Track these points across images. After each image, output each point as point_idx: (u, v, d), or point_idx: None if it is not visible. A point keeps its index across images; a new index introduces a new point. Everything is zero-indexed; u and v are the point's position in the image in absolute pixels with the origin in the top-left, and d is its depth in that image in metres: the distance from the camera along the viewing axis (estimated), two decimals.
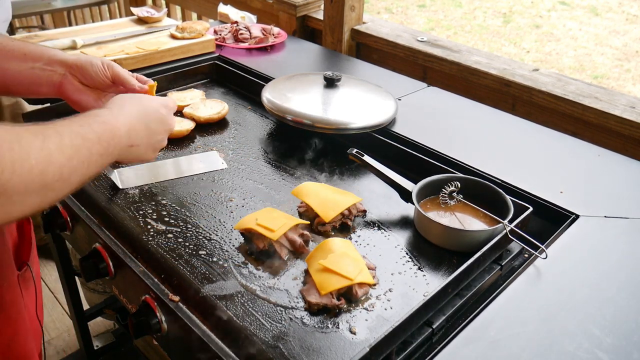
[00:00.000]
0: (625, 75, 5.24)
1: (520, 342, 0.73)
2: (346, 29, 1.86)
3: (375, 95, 1.36)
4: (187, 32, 1.65)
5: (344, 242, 0.90)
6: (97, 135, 0.72)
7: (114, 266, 0.99)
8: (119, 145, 0.78)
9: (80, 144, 0.69)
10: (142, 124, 0.83)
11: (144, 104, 0.86)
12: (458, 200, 1.01)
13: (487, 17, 6.59)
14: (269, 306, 0.82)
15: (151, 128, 0.85)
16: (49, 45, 1.49)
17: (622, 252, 0.91)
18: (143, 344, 1.52)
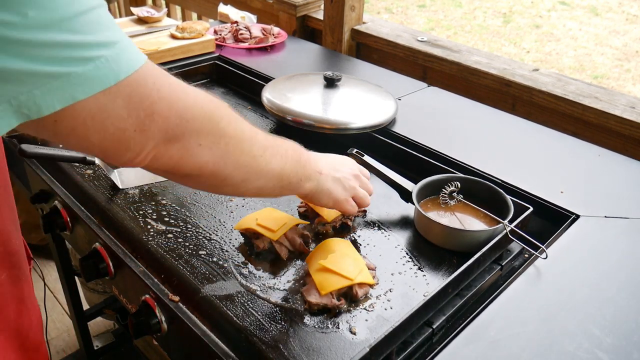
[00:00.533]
0: (625, 75, 5.24)
1: (520, 342, 0.73)
2: (346, 29, 1.86)
3: (375, 95, 1.36)
4: (187, 32, 1.65)
5: (344, 242, 0.90)
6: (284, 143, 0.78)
7: (114, 266, 0.99)
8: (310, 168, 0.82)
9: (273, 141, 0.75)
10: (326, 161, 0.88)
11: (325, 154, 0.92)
12: (458, 200, 1.01)
13: (487, 17, 6.59)
14: (269, 306, 0.82)
15: (335, 166, 0.88)
16: None
17: (622, 252, 0.91)
18: (143, 344, 1.52)
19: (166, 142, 0.58)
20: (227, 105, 0.68)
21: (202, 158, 0.62)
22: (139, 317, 0.86)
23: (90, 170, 1.14)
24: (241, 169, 0.68)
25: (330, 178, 0.86)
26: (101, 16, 0.50)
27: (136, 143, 0.55)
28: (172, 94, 0.57)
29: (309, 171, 0.82)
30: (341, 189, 0.88)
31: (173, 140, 0.58)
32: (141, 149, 0.56)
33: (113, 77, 0.50)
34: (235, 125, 0.67)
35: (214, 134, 0.63)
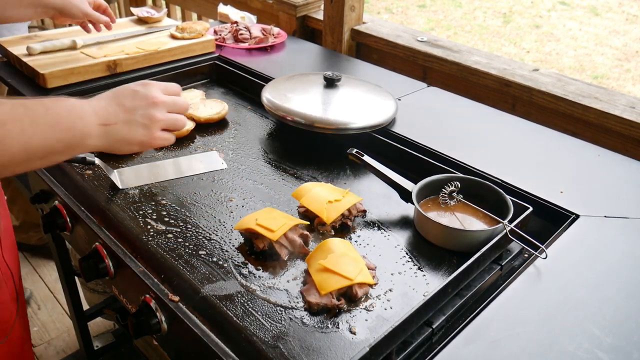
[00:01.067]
0: (625, 75, 5.24)
1: (520, 342, 0.73)
2: (346, 29, 1.86)
3: (375, 95, 1.36)
4: (187, 32, 1.65)
5: (343, 243, 0.90)
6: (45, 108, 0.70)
7: (113, 266, 0.99)
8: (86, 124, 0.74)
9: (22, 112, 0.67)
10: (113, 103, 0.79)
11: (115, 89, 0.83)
12: (458, 200, 1.01)
13: (487, 17, 6.59)
14: (269, 306, 0.82)
15: (125, 105, 0.79)
16: (49, 46, 1.49)
17: (622, 252, 0.91)
18: (143, 344, 1.52)
19: None
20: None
21: None
22: (139, 317, 0.86)
23: (90, 170, 1.15)
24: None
25: (121, 123, 0.77)
26: None
27: None
28: None
29: (85, 130, 0.74)
30: (140, 128, 0.79)
31: None
32: None
33: None
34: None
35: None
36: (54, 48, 1.50)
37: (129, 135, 0.79)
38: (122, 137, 0.78)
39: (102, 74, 1.47)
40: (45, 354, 2.07)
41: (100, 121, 0.76)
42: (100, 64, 1.46)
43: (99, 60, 1.46)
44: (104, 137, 0.76)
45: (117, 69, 1.49)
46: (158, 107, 0.82)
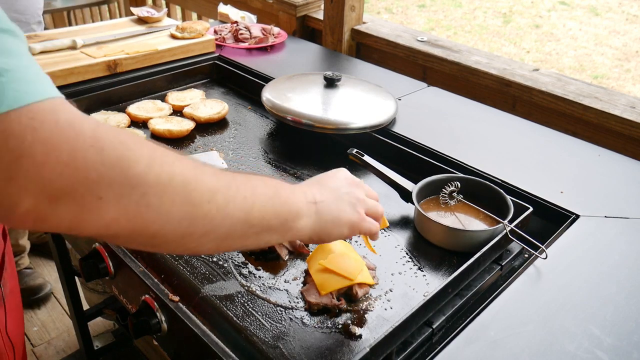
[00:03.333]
0: (625, 75, 5.24)
1: (520, 342, 0.73)
2: (346, 29, 1.86)
3: (375, 95, 1.36)
4: (187, 32, 1.65)
5: (344, 242, 0.90)
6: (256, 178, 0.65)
7: (113, 266, 0.99)
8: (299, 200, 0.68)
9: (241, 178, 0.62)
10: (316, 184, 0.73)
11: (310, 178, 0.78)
12: (458, 200, 1.01)
13: (487, 17, 6.59)
14: (269, 306, 0.82)
15: (329, 185, 0.73)
16: (49, 46, 1.49)
17: (622, 252, 0.91)
18: (143, 344, 1.52)
19: (49, 198, 0.46)
20: (156, 145, 0.55)
21: (106, 214, 0.49)
22: (139, 317, 0.86)
23: None
24: (177, 222, 0.54)
25: (331, 201, 0.71)
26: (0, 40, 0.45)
27: (5, 195, 0.44)
28: (55, 135, 0.45)
29: (297, 206, 0.67)
30: (349, 207, 0.72)
31: (58, 194, 0.46)
32: (13, 203, 0.45)
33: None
34: (160, 170, 0.52)
35: (121, 183, 0.49)
36: (54, 48, 1.50)
37: (339, 214, 0.71)
38: (332, 217, 0.70)
39: (102, 73, 1.47)
40: (45, 354, 2.07)
41: (309, 199, 0.69)
42: (100, 63, 1.46)
43: (99, 60, 1.46)
44: (315, 217, 0.68)
45: (117, 68, 1.49)
46: (359, 187, 0.77)
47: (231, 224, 0.59)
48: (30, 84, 0.45)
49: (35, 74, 0.47)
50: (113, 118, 1.35)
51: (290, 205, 0.66)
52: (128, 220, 0.51)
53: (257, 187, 0.63)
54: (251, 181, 0.63)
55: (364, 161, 1.07)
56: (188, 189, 0.54)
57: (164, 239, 0.55)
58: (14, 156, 0.44)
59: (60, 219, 0.48)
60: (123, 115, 1.36)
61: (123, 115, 1.36)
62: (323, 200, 0.70)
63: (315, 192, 0.70)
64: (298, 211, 0.67)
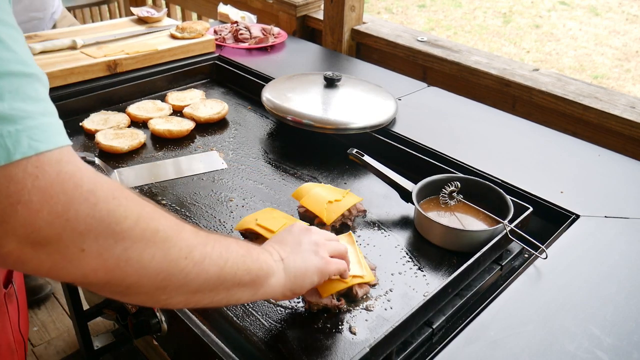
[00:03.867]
0: (625, 75, 5.24)
1: (520, 342, 0.73)
2: (346, 29, 1.86)
3: (375, 95, 1.36)
4: (187, 32, 1.65)
5: (345, 238, 0.90)
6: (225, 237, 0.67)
7: None
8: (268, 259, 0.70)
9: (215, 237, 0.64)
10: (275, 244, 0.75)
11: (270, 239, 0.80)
12: (458, 200, 1.01)
13: (487, 17, 6.59)
14: (269, 306, 0.82)
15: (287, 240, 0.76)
16: (49, 46, 1.49)
17: (622, 252, 0.91)
18: (143, 344, 1.52)
19: (33, 244, 0.47)
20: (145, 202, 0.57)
21: (85, 266, 0.51)
22: (139, 317, 0.86)
23: None
24: (154, 276, 0.56)
25: (292, 254, 0.73)
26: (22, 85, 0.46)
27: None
28: (56, 185, 0.47)
29: (268, 264, 0.69)
30: (313, 255, 0.74)
31: (43, 242, 0.47)
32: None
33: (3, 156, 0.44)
34: (145, 226, 0.54)
35: (106, 237, 0.51)
36: (54, 48, 1.50)
37: (305, 264, 0.73)
38: (299, 269, 0.72)
39: (102, 73, 1.47)
40: (45, 354, 2.07)
41: (275, 257, 0.71)
42: (100, 63, 1.46)
43: (99, 60, 1.46)
44: (284, 274, 0.71)
45: (117, 68, 1.49)
46: (315, 234, 0.79)
47: (205, 279, 0.61)
48: (44, 133, 0.47)
49: (49, 122, 0.48)
50: (113, 118, 1.35)
51: (261, 263, 0.68)
52: (106, 272, 0.52)
53: (231, 244, 0.65)
54: (226, 240, 0.65)
55: (364, 161, 1.07)
56: (167, 245, 0.56)
57: (138, 291, 0.56)
58: (11, 202, 0.45)
59: (40, 264, 0.49)
60: (123, 115, 1.36)
61: (123, 115, 1.36)
62: (287, 257, 0.72)
63: (278, 250, 0.73)
64: (268, 269, 0.69)
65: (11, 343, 0.91)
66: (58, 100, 1.37)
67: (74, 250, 0.49)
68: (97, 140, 1.22)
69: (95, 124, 1.31)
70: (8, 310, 0.91)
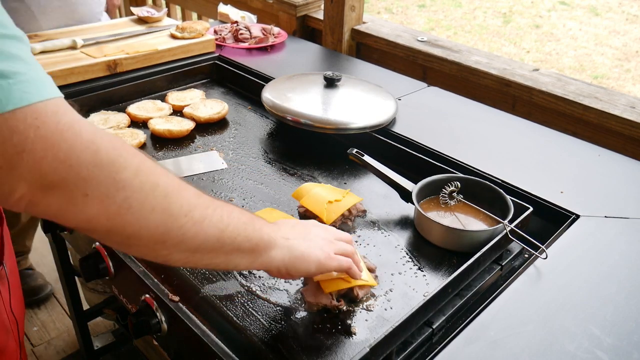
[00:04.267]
0: (625, 75, 5.23)
1: (520, 342, 0.73)
2: (346, 29, 1.86)
3: (375, 95, 1.36)
4: (187, 32, 1.65)
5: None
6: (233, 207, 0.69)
7: (113, 266, 0.99)
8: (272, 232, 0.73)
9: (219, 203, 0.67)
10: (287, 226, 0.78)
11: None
12: (458, 200, 1.01)
13: (487, 17, 6.59)
14: (269, 306, 0.82)
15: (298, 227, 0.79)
16: (49, 46, 1.49)
17: (622, 252, 0.91)
18: (143, 344, 1.52)
19: (42, 188, 0.51)
20: (145, 156, 0.59)
21: (89, 210, 0.54)
22: (139, 317, 0.86)
23: None
24: (154, 228, 0.59)
25: (300, 239, 0.76)
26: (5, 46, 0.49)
27: (5, 182, 0.50)
28: (56, 134, 0.51)
29: (270, 236, 0.71)
30: (318, 247, 0.76)
31: (50, 185, 0.52)
32: (11, 189, 0.51)
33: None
34: (145, 178, 0.57)
35: (107, 185, 0.54)
36: (54, 48, 1.50)
37: (308, 250, 0.75)
38: (302, 253, 0.75)
39: (102, 73, 1.47)
40: (45, 354, 2.07)
41: (282, 234, 0.74)
42: (100, 63, 1.46)
43: (99, 60, 1.46)
44: (286, 251, 0.73)
45: (117, 68, 1.49)
46: (327, 232, 0.81)
47: (204, 239, 0.63)
48: (34, 85, 0.50)
49: (38, 76, 0.51)
50: (113, 118, 1.35)
51: (263, 234, 0.71)
52: (108, 218, 0.56)
53: (234, 211, 0.67)
54: (229, 206, 0.68)
55: (364, 161, 1.07)
56: (168, 200, 0.59)
57: (139, 242, 0.60)
58: (17, 150, 0.49)
59: (49, 206, 0.53)
60: (123, 115, 1.36)
61: (123, 115, 1.36)
62: (295, 238, 0.75)
63: (287, 231, 0.76)
64: (270, 241, 0.71)
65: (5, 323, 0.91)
66: None
67: (78, 195, 0.53)
68: None
69: (95, 124, 1.31)
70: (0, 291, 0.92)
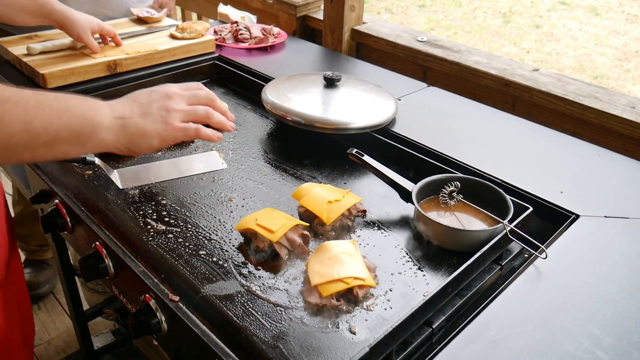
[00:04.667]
0: (625, 75, 5.23)
1: (520, 342, 0.73)
2: (346, 29, 1.86)
3: (375, 95, 1.36)
4: (187, 32, 1.65)
5: (344, 244, 0.90)
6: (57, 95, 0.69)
7: (114, 266, 0.99)
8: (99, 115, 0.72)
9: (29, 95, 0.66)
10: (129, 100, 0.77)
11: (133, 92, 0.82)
12: (458, 200, 1.01)
13: (487, 17, 6.59)
14: (269, 306, 0.82)
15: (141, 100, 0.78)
16: (49, 46, 1.49)
17: (622, 252, 0.91)
18: (143, 344, 1.52)
19: None
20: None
21: None
22: (139, 317, 0.86)
23: (90, 170, 1.14)
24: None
25: (137, 116, 0.75)
26: None
27: None
28: None
29: (96, 120, 0.71)
30: (158, 119, 0.76)
31: None
32: None
33: None
34: None
35: None
36: (54, 48, 1.50)
37: (146, 126, 0.75)
38: (138, 130, 0.75)
39: (102, 74, 1.47)
40: (45, 354, 2.07)
41: (114, 114, 0.74)
42: (100, 64, 1.46)
43: (99, 60, 1.46)
44: (120, 131, 0.74)
45: (117, 69, 1.49)
46: (174, 99, 0.79)
47: (9, 132, 0.63)
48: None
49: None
50: None
51: (86, 119, 0.70)
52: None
53: (44, 102, 0.67)
54: (40, 96, 0.67)
55: (364, 161, 1.07)
56: None
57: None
58: None
59: None
60: None
61: None
62: (131, 116, 0.75)
63: (124, 108, 0.75)
64: (95, 125, 0.71)
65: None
66: None
67: None
68: None
69: None
70: None
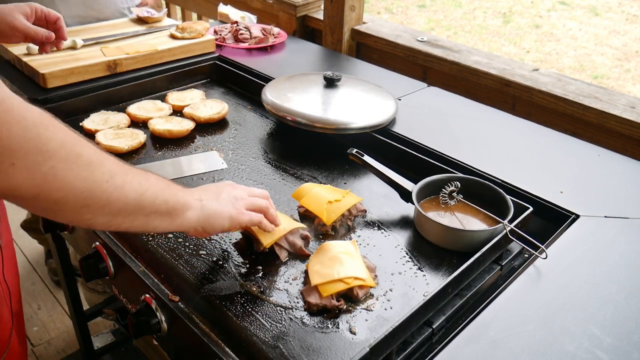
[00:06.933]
0: (625, 75, 5.23)
1: (520, 342, 0.73)
2: (346, 29, 1.86)
3: (375, 95, 1.36)
4: (187, 32, 1.65)
5: (344, 245, 0.90)
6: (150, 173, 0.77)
7: (113, 266, 0.99)
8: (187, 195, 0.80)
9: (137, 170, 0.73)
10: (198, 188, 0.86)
11: None
12: (458, 200, 1.01)
13: (487, 17, 6.58)
14: (269, 306, 0.82)
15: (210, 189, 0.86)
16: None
17: (622, 252, 0.91)
18: (143, 344, 1.52)
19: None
20: (71, 131, 0.65)
21: (15, 179, 0.59)
22: (139, 317, 0.86)
23: None
24: (79, 193, 0.65)
25: (211, 199, 0.83)
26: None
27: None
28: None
29: (185, 199, 0.79)
30: (229, 204, 0.84)
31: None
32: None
33: None
34: (69, 150, 0.64)
35: (35, 155, 0.60)
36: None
37: (221, 208, 0.83)
38: (214, 211, 0.82)
39: (102, 73, 1.47)
40: (45, 354, 2.07)
41: (195, 197, 0.82)
42: (100, 63, 1.46)
43: (99, 60, 1.46)
44: (200, 210, 0.81)
45: (117, 68, 1.49)
46: (238, 189, 0.89)
47: (125, 202, 0.70)
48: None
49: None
50: (113, 118, 1.35)
51: (179, 197, 0.78)
52: (34, 185, 0.61)
53: (151, 178, 0.75)
54: (146, 173, 0.75)
55: (364, 161, 1.07)
56: (91, 168, 0.66)
57: (65, 207, 0.65)
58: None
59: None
60: (123, 115, 1.36)
61: (123, 115, 1.36)
62: (208, 199, 0.83)
63: (200, 193, 0.84)
64: (185, 203, 0.79)
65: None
66: (58, 100, 1.37)
67: (6, 164, 0.58)
68: (98, 141, 1.22)
69: (95, 124, 1.31)
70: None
